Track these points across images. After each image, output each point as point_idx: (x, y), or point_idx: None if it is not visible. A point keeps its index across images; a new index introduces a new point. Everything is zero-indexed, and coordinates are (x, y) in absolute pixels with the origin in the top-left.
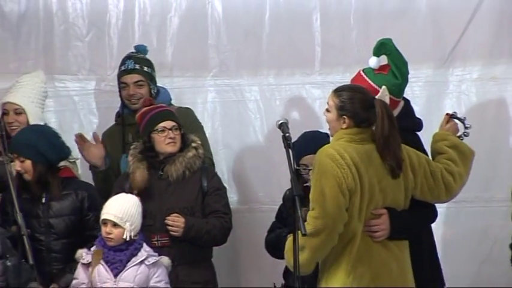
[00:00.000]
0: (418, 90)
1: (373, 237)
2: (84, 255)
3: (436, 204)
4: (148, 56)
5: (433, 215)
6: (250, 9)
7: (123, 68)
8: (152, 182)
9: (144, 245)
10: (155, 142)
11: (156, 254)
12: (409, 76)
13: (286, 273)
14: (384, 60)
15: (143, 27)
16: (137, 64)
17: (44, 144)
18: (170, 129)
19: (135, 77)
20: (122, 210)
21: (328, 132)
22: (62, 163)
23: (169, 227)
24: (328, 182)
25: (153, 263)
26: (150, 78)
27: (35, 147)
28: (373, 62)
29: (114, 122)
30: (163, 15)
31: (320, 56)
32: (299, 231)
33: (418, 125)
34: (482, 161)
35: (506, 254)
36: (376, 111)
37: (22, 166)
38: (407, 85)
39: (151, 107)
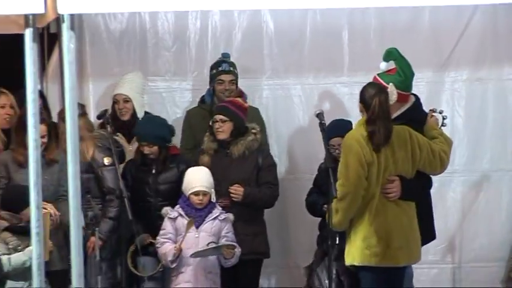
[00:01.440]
0: (421, 88)
1: (388, 197)
2: (169, 211)
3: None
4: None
5: (430, 184)
6: (294, 26)
7: (220, 68)
8: (220, 158)
9: (217, 204)
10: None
11: (223, 211)
12: (414, 77)
13: (321, 225)
14: (391, 64)
15: (214, 40)
16: (231, 67)
17: (165, 132)
18: (218, 121)
19: (230, 77)
20: (207, 181)
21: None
22: None
23: (232, 194)
24: (351, 158)
25: (224, 218)
26: (237, 78)
27: (160, 136)
28: (383, 66)
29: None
30: (230, 31)
31: (347, 62)
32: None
33: (424, 115)
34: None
35: None
36: (373, 103)
37: (150, 150)
38: (414, 84)
39: (230, 99)
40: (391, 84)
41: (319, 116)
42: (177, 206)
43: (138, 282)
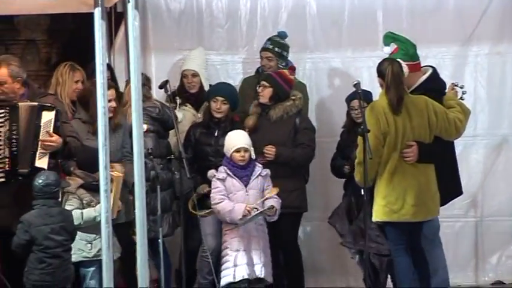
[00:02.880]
0: (447, 61)
1: (406, 161)
2: (215, 173)
3: None
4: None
5: (451, 148)
6: (334, 6)
7: (263, 45)
8: (261, 120)
9: (256, 163)
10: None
11: (268, 170)
12: (441, 51)
13: (346, 184)
14: (393, 45)
15: (263, 19)
16: (271, 45)
17: (236, 96)
18: (261, 86)
19: (267, 54)
20: (246, 139)
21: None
22: None
23: (265, 154)
24: (369, 127)
25: (264, 174)
26: (279, 56)
27: (233, 96)
28: (386, 50)
29: (247, 81)
30: (276, 11)
31: (381, 38)
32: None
33: (443, 86)
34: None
35: None
36: (387, 72)
37: (221, 106)
38: (440, 58)
39: (278, 71)
40: (399, 60)
41: (356, 86)
42: (221, 167)
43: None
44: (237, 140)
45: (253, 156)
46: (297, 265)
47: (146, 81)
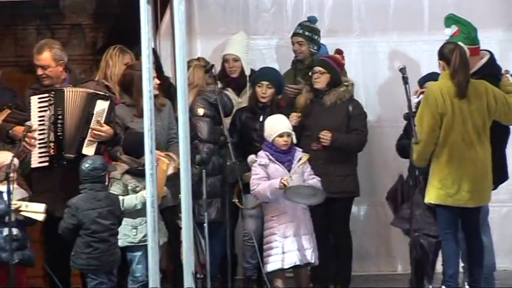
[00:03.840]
0: (493, 45)
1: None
2: (255, 159)
3: None
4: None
5: (507, 132)
6: None
7: (293, 31)
8: (314, 106)
9: (296, 148)
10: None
11: (306, 154)
12: (487, 36)
13: (411, 167)
14: (454, 28)
15: (308, 3)
16: (301, 29)
17: (282, 81)
18: (316, 72)
19: (298, 39)
20: (288, 123)
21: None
22: None
23: (321, 139)
24: (426, 109)
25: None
26: (310, 40)
27: (279, 81)
28: (447, 31)
29: (289, 67)
30: None
31: (428, 22)
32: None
33: (500, 71)
34: None
35: None
36: (454, 55)
37: (266, 91)
38: (487, 42)
39: (330, 55)
40: (459, 43)
41: (402, 70)
42: (262, 152)
43: (242, 216)
44: (279, 125)
45: (295, 141)
46: (346, 249)
47: (207, 65)
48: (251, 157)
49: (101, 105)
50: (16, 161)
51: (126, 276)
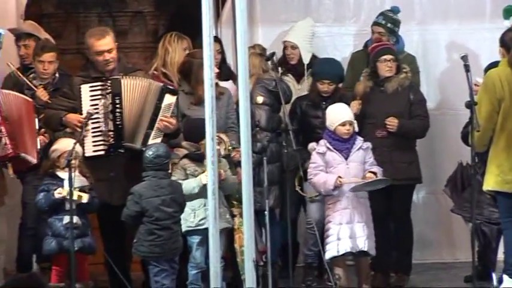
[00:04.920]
0: None
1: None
2: (315, 146)
3: None
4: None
5: None
6: None
7: (375, 20)
8: (375, 93)
9: (358, 136)
10: (379, 68)
11: (368, 142)
12: None
13: (472, 154)
14: None
15: None
16: (384, 20)
17: (342, 72)
18: (389, 60)
19: (379, 29)
20: (349, 112)
21: None
22: None
23: (388, 125)
24: (484, 95)
25: (366, 147)
26: (390, 32)
27: (339, 75)
28: (506, 23)
29: (349, 54)
30: None
31: (489, 10)
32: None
33: None
34: None
35: None
36: None
37: (328, 88)
38: None
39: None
40: None
41: (464, 58)
42: (322, 141)
43: (303, 203)
44: (341, 114)
45: (356, 129)
46: (408, 237)
47: (263, 52)
48: (311, 144)
49: (169, 100)
50: (78, 148)
51: (187, 264)
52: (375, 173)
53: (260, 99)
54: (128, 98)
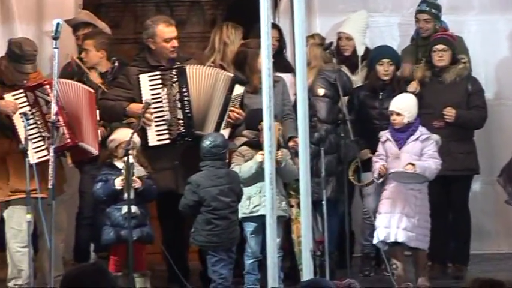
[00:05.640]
0: None
1: None
2: (382, 134)
3: None
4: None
5: None
6: None
7: (418, 8)
8: (433, 84)
9: (420, 126)
10: (432, 58)
11: (429, 132)
12: None
13: None
14: None
15: None
16: (428, 7)
17: (400, 58)
18: (440, 50)
19: (424, 16)
20: (399, 104)
21: None
22: None
23: (445, 116)
24: None
25: (425, 138)
26: (435, 17)
27: (398, 58)
28: None
29: (408, 44)
30: None
31: None
32: None
33: None
34: None
35: None
36: None
37: (388, 68)
38: None
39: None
40: None
41: None
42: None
43: (361, 194)
44: (392, 103)
45: (407, 120)
46: (465, 228)
47: (323, 42)
48: (380, 133)
49: (239, 90)
50: (136, 138)
51: (244, 253)
52: (413, 165)
53: (321, 91)
54: (195, 86)
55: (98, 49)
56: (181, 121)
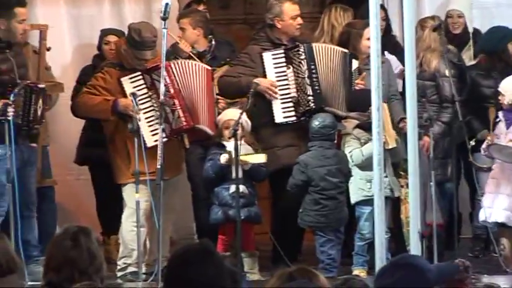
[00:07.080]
0: None
1: None
2: (499, 115)
3: None
4: None
5: None
6: None
7: None
8: None
9: None
10: None
11: None
12: None
13: None
14: None
15: None
16: None
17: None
18: None
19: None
20: (505, 84)
21: None
22: None
23: None
24: None
25: None
26: None
27: None
28: None
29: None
30: None
31: None
32: None
33: None
34: None
35: None
36: None
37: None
38: None
39: None
40: None
41: None
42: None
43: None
44: (501, 84)
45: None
46: None
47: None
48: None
49: (355, 64)
50: (244, 118)
51: (352, 234)
52: None
53: (447, 71)
54: (323, 63)
55: (194, 27)
56: (311, 97)
